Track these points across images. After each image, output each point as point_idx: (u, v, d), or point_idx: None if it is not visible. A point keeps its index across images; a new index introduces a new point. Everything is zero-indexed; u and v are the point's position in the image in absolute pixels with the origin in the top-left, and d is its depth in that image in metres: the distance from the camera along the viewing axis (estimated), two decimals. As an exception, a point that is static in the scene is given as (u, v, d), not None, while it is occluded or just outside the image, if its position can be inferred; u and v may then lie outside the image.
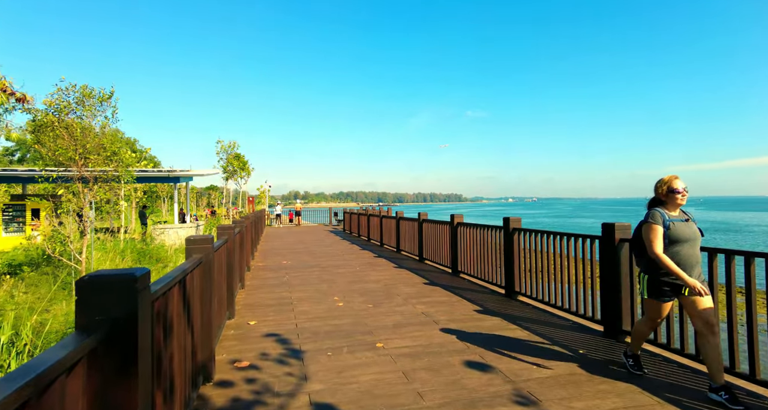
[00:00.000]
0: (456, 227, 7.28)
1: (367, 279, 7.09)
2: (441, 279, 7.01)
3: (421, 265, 8.55)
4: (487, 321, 4.51)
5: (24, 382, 0.82)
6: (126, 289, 1.34)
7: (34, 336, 5.22)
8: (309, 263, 9.26)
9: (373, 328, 4.33)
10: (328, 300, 5.68)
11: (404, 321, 4.57)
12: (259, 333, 4.26)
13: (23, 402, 0.82)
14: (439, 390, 2.90)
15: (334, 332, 4.25)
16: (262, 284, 6.92)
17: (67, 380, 1.06)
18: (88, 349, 1.17)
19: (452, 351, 3.62)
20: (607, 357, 3.46)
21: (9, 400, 0.76)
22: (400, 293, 5.98)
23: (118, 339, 1.31)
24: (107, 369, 1.28)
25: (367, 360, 3.48)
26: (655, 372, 3.15)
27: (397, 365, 3.36)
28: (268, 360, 3.53)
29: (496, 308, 5.07)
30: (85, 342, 1.15)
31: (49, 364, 0.93)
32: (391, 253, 10.64)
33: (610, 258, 3.94)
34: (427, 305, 5.25)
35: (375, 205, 35.83)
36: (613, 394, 2.81)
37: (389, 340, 3.96)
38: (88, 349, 1.17)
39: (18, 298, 7.02)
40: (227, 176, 21.91)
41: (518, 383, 2.99)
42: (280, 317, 4.86)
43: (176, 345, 2.21)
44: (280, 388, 2.98)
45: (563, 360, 3.39)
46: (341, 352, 3.66)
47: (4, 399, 0.75)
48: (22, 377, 0.83)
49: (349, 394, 2.88)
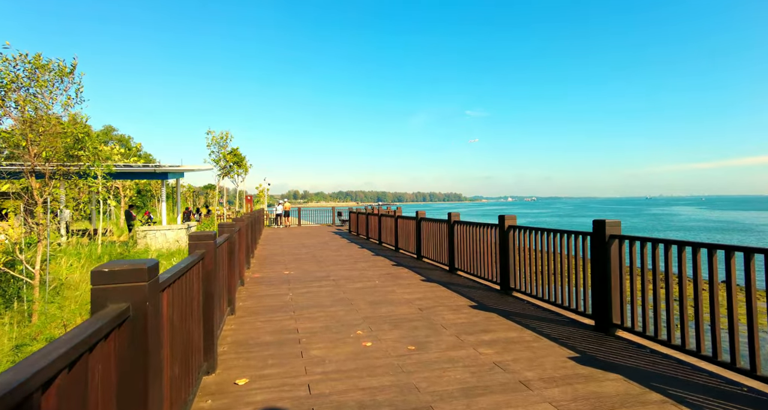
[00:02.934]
0: (507, 230, 5.71)
1: (393, 299, 5.51)
2: (490, 299, 5.43)
3: (453, 278, 6.97)
4: (610, 390, 2.93)
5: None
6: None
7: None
8: (316, 274, 7.67)
9: (431, 399, 2.74)
10: (350, 335, 4.10)
11: (475, 382, 2.97)
12: (251, 408, 2.68)
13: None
14: None
15: (370, 407, 2.67)
16: (257, 306, 5.33)
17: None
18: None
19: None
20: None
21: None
22: (446, 323, 4.40)
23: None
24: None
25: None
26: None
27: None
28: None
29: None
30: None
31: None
32: (410, 260, 9.06)
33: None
34: (491, 346, 3.67)
35: (375, 204, 34.29)
36: None
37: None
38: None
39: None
40: (222, 173, 20.23)
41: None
42: (283, 369, 3.28)
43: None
44: None
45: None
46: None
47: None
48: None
49: None
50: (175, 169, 14.55)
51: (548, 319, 4.48)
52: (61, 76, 7.06)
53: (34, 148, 6.62)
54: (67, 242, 10.86)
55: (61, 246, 9.65)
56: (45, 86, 6.89)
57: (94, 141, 8.74)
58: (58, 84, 7.11)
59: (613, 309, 3.91)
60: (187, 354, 2.59)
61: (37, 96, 6.81)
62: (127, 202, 22.67)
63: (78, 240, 11.52)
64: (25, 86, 6.70)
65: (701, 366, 3.07)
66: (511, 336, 3.92)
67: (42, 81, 6.83)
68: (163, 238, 13.69)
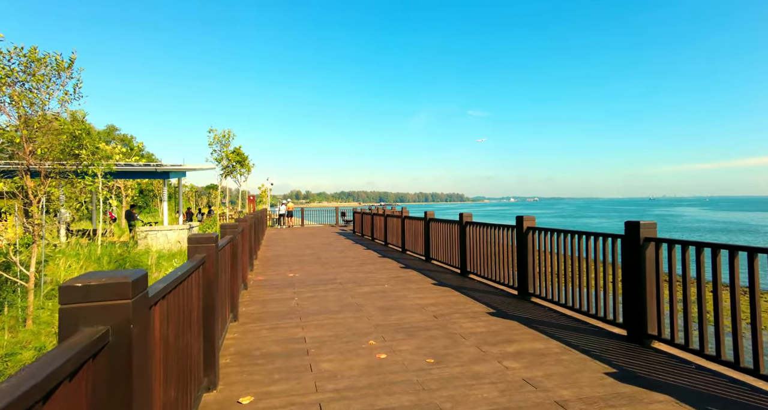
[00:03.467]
0: (526, 232, 5.40)
1: (405, 305, 5.20)
2: (508, 305, 5.11)
3: (466, 282, 6.66)
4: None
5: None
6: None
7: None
8: (321, 277, 7.37)
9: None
10: (362, 344, 3.80)
11: (506, 402, 2.66)
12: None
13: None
14: None
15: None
16: (262, 312, 5.03)
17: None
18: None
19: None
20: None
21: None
22: (464, 332, 4.09)
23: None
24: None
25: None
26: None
27: None
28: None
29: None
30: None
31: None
32: (419, 263, 8.75)
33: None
34: (518, 359, 3.36)
35: (377, 204, 33.98)
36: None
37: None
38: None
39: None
40: (225, 173, 19.95)
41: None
42: (291, 385, 2.98)
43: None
44: None
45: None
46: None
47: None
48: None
49: None
50: (177, 168, 14.29)
51: (574, 328, 4.16)
52: (58, 71, 6.79)
53: (29, 145, 6.35)
54: (66, 243, 10.60)
55: (56, 248, 9.37)
56: (41, 81, 6.61)
57: (94, 139, 8.46)
58: (55, 78, 6.84)
59: (649, 318, 3.59)
60: (184, 372, 2.30)
61: (33, 91, 6.54)
62: (129, 201, 22.43)
63: (77, 241, 11.26)
64: (21, 81, 6.43)
65: (760, 387, 2.75)
66: (538, 348, 3.61)
67: (38, 75, 6.56)
68: (164, 239, 13.42)
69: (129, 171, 13.88)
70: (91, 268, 9.51)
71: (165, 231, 13.49)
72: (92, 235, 12.39)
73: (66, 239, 11.76)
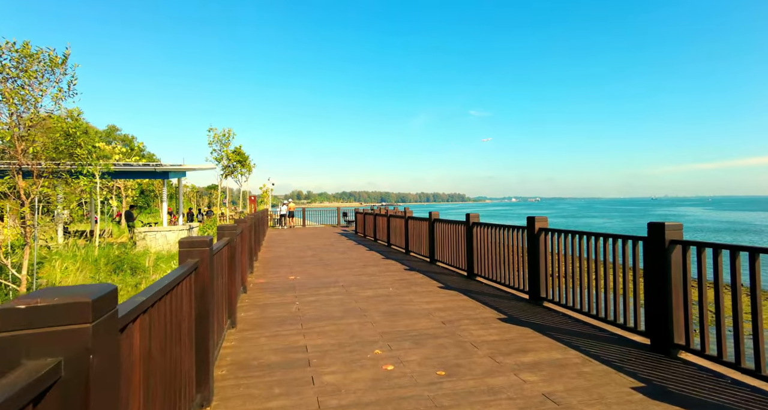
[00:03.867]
0: (538, 233, 5.15)
1: (411, 310, 4.96)
2: (520, 310, 4.87)
3: (473, 285, 6.42)
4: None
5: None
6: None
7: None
8: (323, 279, 7.14)
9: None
10: (367, 355, 3.56)
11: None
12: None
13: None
14: None
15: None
16: (261, 318, 4.80)
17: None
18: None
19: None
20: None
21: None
22: (476, 340, 3.85)
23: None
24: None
25: None
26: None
27: None
28: None
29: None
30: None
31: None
32: (423, 264, 8.51)
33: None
34: (535, 372, 3.12)
35: (379, 204, 33.77)
36: None
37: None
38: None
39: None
40: (225, 173, 19.74)
41: None
42: (291, 402, 2.74)
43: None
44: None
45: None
46: None
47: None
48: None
49: None
50: (177, 168, 14.08)
51: (592, 336, 3.92)
52: (51, 67, 6.57)
53: (21, 143, 6.13)
54: (64, 244, 10.40)
55: (51, 250, 9.16)
56: (34, 77, 6.40)
57: (92, 138, 8.23)
58: (49, 75, 6.62)
59: (676, 327, 3.36)
60: (172, 390, 2.06)
61: (25, 88, 6.32)
62: (129, 202, 22.26)
63: (75, 242, 11.06)
64: (12, 77, 6.21)
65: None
66: (556, 358, 3.37)
67: (31, 71, 6.35)
68: (163, 240, 13.22)
69: (128, 171, 13.68)
70: (88, 270, 9.30)
71: (164, 232, 13.28)
72: (90, 236, 12.19)
73: (63, 240, 11.57)
